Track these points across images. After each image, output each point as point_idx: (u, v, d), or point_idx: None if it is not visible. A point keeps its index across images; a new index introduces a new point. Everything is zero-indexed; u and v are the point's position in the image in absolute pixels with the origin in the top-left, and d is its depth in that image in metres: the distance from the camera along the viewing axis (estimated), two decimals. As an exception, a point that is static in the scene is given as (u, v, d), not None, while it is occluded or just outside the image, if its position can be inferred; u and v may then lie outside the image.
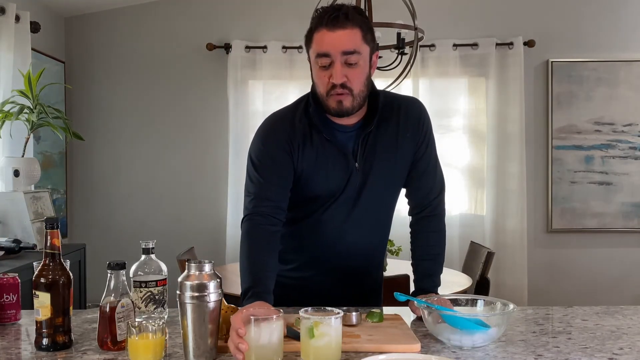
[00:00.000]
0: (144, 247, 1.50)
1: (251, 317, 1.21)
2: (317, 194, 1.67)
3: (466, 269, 3.62)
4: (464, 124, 4.45)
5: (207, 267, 1.26)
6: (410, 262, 1.80)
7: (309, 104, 1.65)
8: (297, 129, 1.63)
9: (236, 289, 2.71)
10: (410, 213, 1.81)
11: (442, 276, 1.81)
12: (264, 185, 1.61)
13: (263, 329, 1.20)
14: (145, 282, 1.46)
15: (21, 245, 2.83)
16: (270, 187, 1.61)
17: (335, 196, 1.66)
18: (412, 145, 1.69)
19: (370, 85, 1.63)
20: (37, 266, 1.38)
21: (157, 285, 1.47)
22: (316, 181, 1.64)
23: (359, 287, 1.80)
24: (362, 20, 1.57)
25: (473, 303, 1.47)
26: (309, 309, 1.26)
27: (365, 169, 1.65)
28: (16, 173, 3.14)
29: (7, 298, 1.54)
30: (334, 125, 1.64)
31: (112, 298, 1.32)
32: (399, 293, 1.54)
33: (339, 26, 1.53)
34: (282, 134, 1.63)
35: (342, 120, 1.63)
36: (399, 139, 1.67)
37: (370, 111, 1.64)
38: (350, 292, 1.77)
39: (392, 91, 1.85)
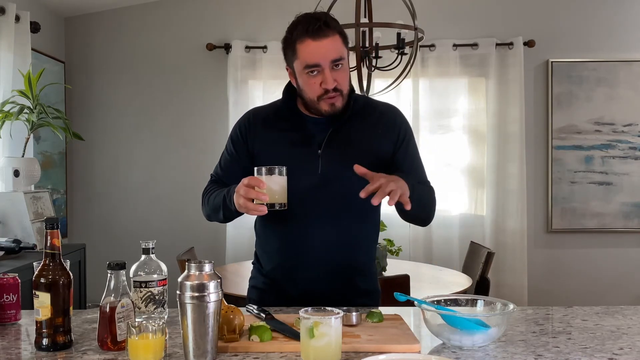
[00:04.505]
0: (144, 247, 1.50)
1: (261, 167, 1.57)
2: None
3: (466, 269, 3.62)
4: (464, 124, 4.45)
5: (207, 267, 1.26)
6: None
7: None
8: (258, 116, 1.84)
9: (236, 289, 2.72)
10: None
11: (442, 276, 1.81)
12: (225, 173, 1.87)
13: (274, 174, 1.56)
14: (145, 282, 1.46)
15: (21, 245, 2.83)
16: (228, 176, 1.85)
17: (296, 178, 1.66)
18: (388, 145, 1.78)
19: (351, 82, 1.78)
20: (37, 266, 1.38)
21: (157, 285, 1.47)
22: (273, 162, 1.64)
23: (337, 280, 1.77)
24: (338, 24, 1.70)
25: (473, 303, 1.47)
26: (309, 309, 1.26)
27: (331, 157, 1.73)
28: (16, 173, 3.14)
29: (7, 298, 1.54)
30: (305, 117, 1.77)
31: (112, 298, 1.32)
32: (399, 293, 1.54)
33: (323, 35, 1.65)
34: (244, 120, 1.86)
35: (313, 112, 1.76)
36: (373, 137, 1.77)
37: (344, 105, 1.74)
38: (327, 282, 1.76)
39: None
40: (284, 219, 1.71)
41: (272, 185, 1.56)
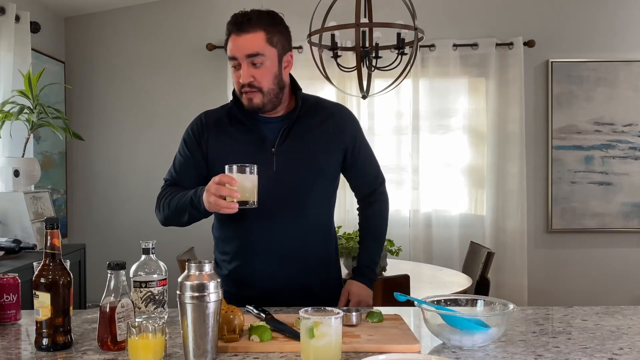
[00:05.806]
0: (144, 247, 1.50)
1: (232, 165, 1.56)
2: None
3: (466, 269, 3.62)
4: (464, 124, 4.45)
5: (207, 267, 1.26)
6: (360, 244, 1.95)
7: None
8: (210, 118, 1.85)
9: (236, 289, 2.70)
10: (358, 201, 2.00)
11: (442, 276, 1.82)
12: (180, 176, 1.86)
13: (245, 173, 1.56)
14: (146, 282, 1.46)
15: (21, 245, 2.83)
16: (184, 179, 1.85)
17: None
18: (339, 147, 1.83)
19: (283, 83, 1.77)
20: (37, 266, 1.38)
21: (157, 285, 1.47)
22: (229, 163, 1.63)
23: (297, 274, 1.79)
24: (268, 23, 1.70)
25: (473, 303, 1.47)
26: (309, 309, 1.27)
27: (285, 154, 1.76)
28: (16, 173, 3.14)
29: (7, 298, 1.54)
30: (257, 117, 1.79)
31: (112, 298, 1.32)
32: (399, 293, 1.54)
33: (244, 31, 1.69)
34: (197, 125, 1.86)
35: (267, 112, 1.78)
36: (325, 136, 1.81)
37: (296, 105, 1.79)
38: (288, 276, 1.78)
39: (324, 97, 2.01)
40: (242, 219, 1.72)
41: (243, 182, 1.56)
